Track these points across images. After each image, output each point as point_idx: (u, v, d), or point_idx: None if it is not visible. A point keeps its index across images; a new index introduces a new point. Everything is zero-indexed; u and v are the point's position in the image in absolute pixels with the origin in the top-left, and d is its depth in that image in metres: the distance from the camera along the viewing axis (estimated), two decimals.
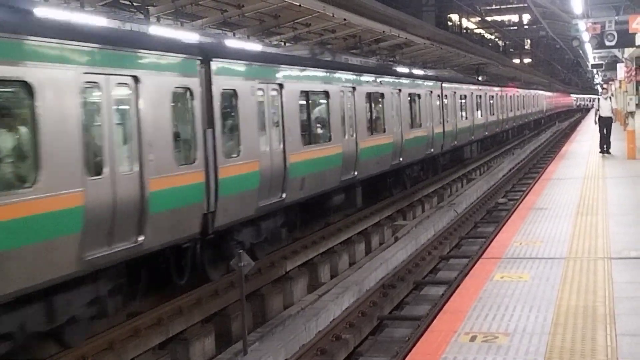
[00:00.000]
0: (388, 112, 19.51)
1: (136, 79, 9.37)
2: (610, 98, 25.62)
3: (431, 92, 24.27)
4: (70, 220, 8.15)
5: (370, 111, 18.30)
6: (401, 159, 20.39)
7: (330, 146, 15.49)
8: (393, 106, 19.85)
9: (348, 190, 16.97)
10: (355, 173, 16.72)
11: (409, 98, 21.47)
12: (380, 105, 19.21)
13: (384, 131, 19.16)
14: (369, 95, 18.18)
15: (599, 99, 26.48)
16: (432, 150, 24.16)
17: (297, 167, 13.66)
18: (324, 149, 15.11)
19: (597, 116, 24.35)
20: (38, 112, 7.71)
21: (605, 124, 24.00)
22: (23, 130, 7.88)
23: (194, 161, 10.59)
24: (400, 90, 20.58)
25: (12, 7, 8.08)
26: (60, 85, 8.06)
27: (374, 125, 18.48)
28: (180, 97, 10.48)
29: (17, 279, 7.43)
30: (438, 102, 25.21)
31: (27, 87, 7.64)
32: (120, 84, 9.16)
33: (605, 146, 24.19)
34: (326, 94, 15.55)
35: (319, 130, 15.55)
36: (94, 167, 8.61)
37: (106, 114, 8.90)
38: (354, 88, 17.04)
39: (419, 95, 22.57)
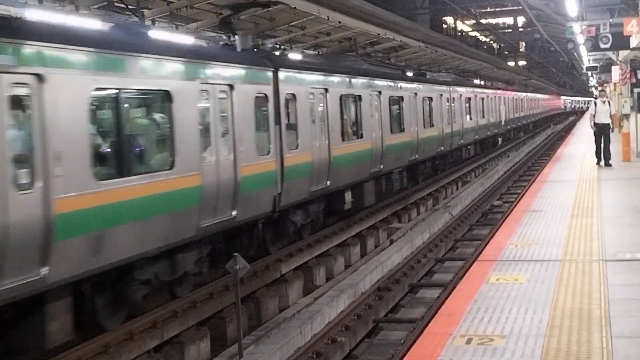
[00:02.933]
0: (406, 113, 22.09)
1: (231, 87, 11.95)
2: (608, 102, 21.78)
3: (441, 95, 27.44)
4: (193, 196, 10.56)
5: (392, 112, 20.78)
6: (417, 156, 23.09)
7: (363, 142, 18.38)
8: (410, 108, 22.43)
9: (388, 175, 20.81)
10: (382, 166, 19.44)
11: (422, 100, 24.36)
12: (400, 108, 21.75)
13: (403, 130, 21.68)
14: (391, 99, 20.76)
15: (595, 102, 22.23)
16: (442, 148, 27.05)
17: (339, 159, 16.43)
18: (359, 144, 18.13)
19: (593, 122, 21.04)
20: (173, 112, 10.31)
21: (602, 131, 20.69)
22: (165, 125, 10.40)
23: (268, 152, 13.25)
24: (416, 93, 23.43)
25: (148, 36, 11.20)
26: (186, 92, 10.67)
27: (395, 125, 21.05)
28: (260, 100, 13.11)
29: (160, 238, 9.85)
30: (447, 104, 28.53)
31: (168, 95, 10.28)
32: (221, 91, 11.72)
33: (604, 157, 20.85)
34: (359, 98, 18.25)
35: (354, 128, 18.11)
36: (207, 154, 11.15)
37: (212, 114, 11.41)
38: (379, 92, 19.62)
39: (430, 98, 25.56)
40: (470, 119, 32.53)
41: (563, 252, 9.83)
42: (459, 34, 67.02)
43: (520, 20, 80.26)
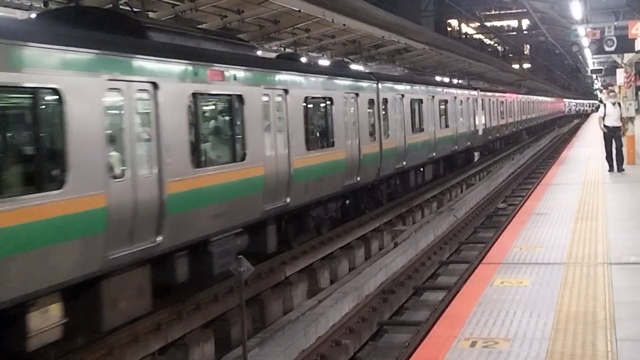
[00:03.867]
0: (425, 115, 24.42)
1: (357, 95, 17.40)
2: (618, 103, 20.59)
3: (455, 97, 29.41)
4: (258, 183, 12.16)
5: (414, 114, 23.27)
6: (434, 154, 25.17)
7: (424, 134, 23.60)
8: (429, 110, 24.67)
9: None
10: (404, 163, 21.28)
11: (440, 103, 27.03)
12: (420, 109, 23.84)
13: (423, 130, 23.78)
14: (413, 101, 22.90)
15: (604, 104, 20.95)
16: (456, 147, 29.10)
17: (412, 146, 21.94)
18: (422, 135, 23.55)
19: (602, 125, 19.90)
20: (333, 113, 15.99)
21: (613, 135, 19.64)
22: (238, 124, 11.94)
23: (374, 138, 18.69)
24: (433, 96, 25.45)
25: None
26: (343, 100, 16.74)
27: (417, 125, 23.33)
28: (370, 103, 18.46)
29: (238, 218, 11.48)
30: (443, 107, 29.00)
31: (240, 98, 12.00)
32: (354, 97, 17.35)
33: (616, 162, 19.71)
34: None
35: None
36: (271, 149, 12.94)
37: (353, 113, 17.42)
38: (402, 96, 21.82)
39: (446, 101, 27.82)
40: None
41: (568, 255, 9.82)
42: (464, 36, 67.04)
43: (525, 22, 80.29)
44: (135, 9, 14.33)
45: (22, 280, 7.45)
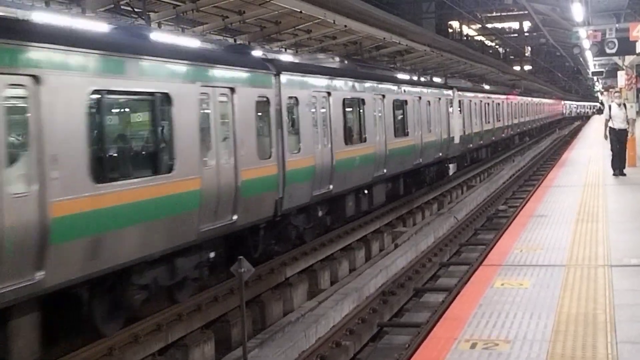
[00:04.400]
0: (370, 120, 21.19)
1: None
2: (624, 105, 19.82)
3: (419, 98, 27.85)
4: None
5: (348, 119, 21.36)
6: (385, 171, 21.42)
7: (409, 139, 21.97)
8: (376, 113, 20.66)
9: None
10: (331, 187, 16.31)
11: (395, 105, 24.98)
12: (361, 113, 20.33)
13: (365, 140, 19.43)
14: (348, 102, 18.78)
15: (609, 105, 20.04)
16: (420, 160, 24.52)
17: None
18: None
19: (608, 128, 19.21)
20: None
21: (619, 138, 19.03)
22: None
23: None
24: (383, 96, 23.45)
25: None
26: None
27: (355, 134, 19.51)
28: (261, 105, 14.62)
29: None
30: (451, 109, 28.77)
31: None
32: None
33: (620, 166, 19.23)
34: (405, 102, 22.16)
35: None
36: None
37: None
38: (328, 94, 20.36)
39: (404, 102, 23.36)
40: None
41: (568, 257, 9.81)
42: (465, 38, 67.04)
43: (526, 24, 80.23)
44: (136, 9, 14.34)
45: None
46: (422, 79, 28.42)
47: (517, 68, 76.74)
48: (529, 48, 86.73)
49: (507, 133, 43.18)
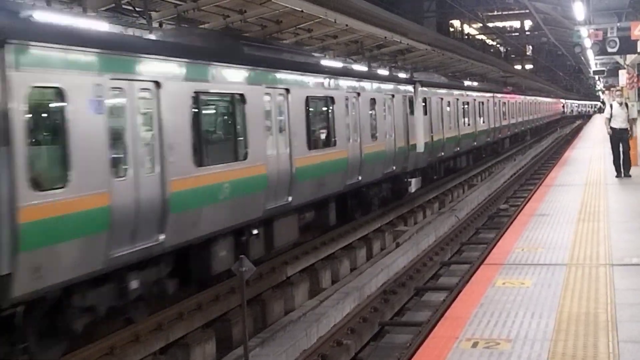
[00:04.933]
0: (256, 127, 23.02)
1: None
2: (625, 104, 19.22)
3: (358, 94, 27.26)
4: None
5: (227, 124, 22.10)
6: (290, 199, 21.53)
7: (337, 151, 19.24)
8: (276, 115, 21.68)
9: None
10: (359, 178, 17.62)
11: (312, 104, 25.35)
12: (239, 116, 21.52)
13: (248, 157, 18.77)
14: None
15: (610, 104, 19.58)
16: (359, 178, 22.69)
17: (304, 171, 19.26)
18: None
19: (609, 127, 18.75)
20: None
21: (620, 138, 18.50)
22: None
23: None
24: (287, 90, 22.95)
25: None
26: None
27: (239, 148, 19.96)
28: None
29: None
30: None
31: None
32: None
33: (623, 166, 18.64)
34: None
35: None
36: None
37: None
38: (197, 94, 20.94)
39: (329, 100, 19.16)
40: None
41: (569, 257, 9.81)
42: (466, 37, 67.01)
43: (527, 23, 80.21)
44: (137, 9, 14.33)
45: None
46: (376, 71, 22.96)
47: (518, 67, 76.71)
48: (530, 47, 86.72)
49: (494, 137, 37.18)
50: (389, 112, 19.85)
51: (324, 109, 16.10)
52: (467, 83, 35.87)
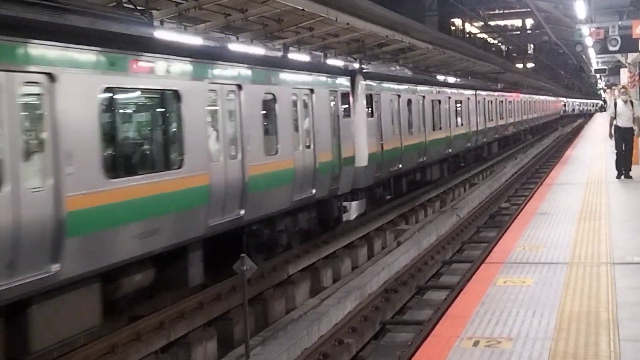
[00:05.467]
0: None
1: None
2: (630, 101, 17.99)
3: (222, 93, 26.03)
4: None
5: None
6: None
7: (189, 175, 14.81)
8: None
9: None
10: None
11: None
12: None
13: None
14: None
15: (615, 102, 18.30)
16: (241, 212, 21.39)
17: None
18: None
19: (613, 127, 17.64)
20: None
21: (624, 137, 17.45)
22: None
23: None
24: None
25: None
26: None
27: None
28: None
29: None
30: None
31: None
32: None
33: (624, 167, 17.72)
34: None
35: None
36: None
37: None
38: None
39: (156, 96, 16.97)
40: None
41: (571, 255, 9.80)
42: (467, 35, 67.00)
43: (529, 22, 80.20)
44: (139, 7, 14.32)
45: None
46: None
47: (519, 65, 76.69)
48: (532, 45, 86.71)
49: (475, 141, 32.08)
50: (303, 114, 14.63)
51: (164, 114, 10.59)
52: (441, 78, 30.95)
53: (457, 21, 69.46)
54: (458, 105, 29.00)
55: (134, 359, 9.34)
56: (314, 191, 14.66)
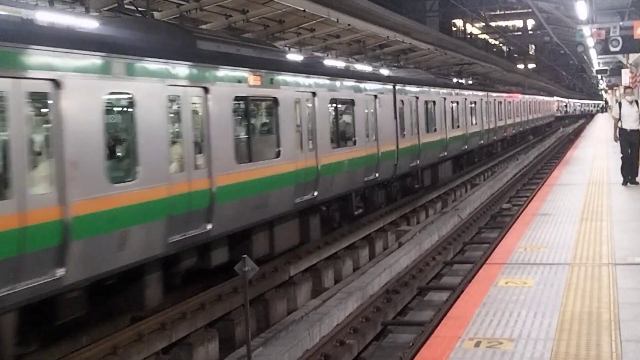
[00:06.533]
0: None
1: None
2: (636, 102, 16.66)
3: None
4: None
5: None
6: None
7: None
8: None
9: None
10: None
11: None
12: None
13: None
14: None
15: (619, 102, 17.14)
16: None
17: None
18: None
19: (618, 130, 16.58)
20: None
21: (630, 140, 16.30)
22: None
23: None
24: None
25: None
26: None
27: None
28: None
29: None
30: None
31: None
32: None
33: (630, 172, 16.52)
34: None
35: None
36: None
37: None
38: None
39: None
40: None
41: (572, 256, 9.79)
42: (469, 36, 66.98)
43: (530, 23, 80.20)
44: (140, 9, 14.34)
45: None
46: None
47: (521, 66, 76.70)
48: (533, 46, 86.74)
49: (461, 148, 28.65)
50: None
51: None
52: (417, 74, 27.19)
53: (459, 22, 69.46)
54: (431, 106, 25.21)
55: (136, 359, 9.35)
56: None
